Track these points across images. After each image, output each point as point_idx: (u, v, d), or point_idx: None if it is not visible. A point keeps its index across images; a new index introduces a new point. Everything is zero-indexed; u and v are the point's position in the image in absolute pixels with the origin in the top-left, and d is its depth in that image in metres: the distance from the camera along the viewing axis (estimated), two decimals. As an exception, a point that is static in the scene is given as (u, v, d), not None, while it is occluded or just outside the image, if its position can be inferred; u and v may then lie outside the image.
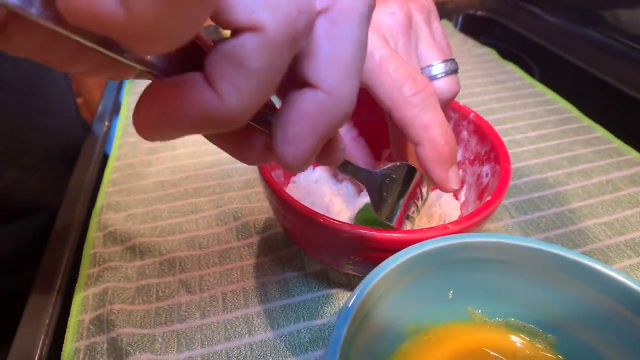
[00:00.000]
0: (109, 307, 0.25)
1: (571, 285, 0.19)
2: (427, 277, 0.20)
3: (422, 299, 0.21)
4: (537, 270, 0.19)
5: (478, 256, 0.20)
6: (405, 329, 0.21)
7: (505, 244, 0.19)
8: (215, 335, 0.24)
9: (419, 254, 0.18)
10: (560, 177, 0.35)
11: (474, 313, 0.22)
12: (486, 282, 0.21)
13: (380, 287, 0.18)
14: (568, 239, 0.29)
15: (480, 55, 0.53)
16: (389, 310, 0.19)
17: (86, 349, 0.23)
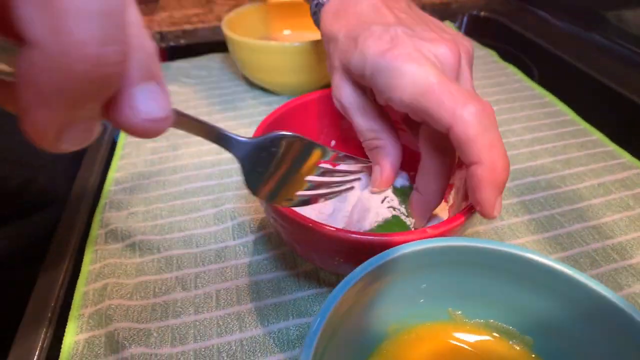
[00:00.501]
0: (108, 302, 0.26)
1: (545, 290, 0.20)
2: (406, 280, 0.21)
3: (401, 300, 0.21)
4: (513, 274, 0.20)
5: (455, 259, 0.20)
6: (385, 329, 0.22)
7: (480, 249, 0.20)
8: (207, 330, 0.25)
9: (393, 259, 0.19)
10: (552, 180, 0.35)
11: (454, 314, 0.23)
12: (466, 284, 0.21)
13: (357, 291, 0.18)
14: (556, 242, 0.30)
15: (480, 56, 0.53)
16: (368, 312, 0.20)
17: (85, 342, 0.25)
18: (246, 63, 0.43)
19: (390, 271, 0.20)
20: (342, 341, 0.19)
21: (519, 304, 0.21)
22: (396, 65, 0.21)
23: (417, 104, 0.21)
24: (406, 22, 0.24)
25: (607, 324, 0.18)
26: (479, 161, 0.20)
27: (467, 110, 0.20)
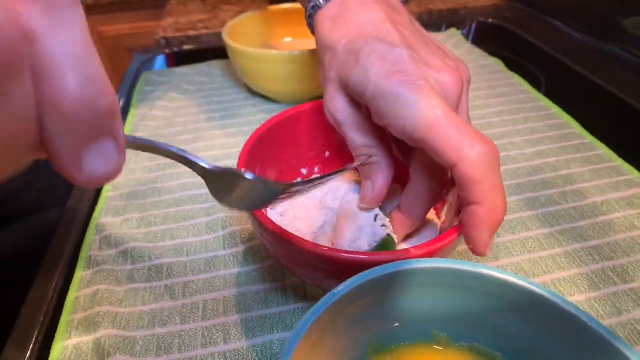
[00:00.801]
0: (98, 308, 0.27)
1: (525, 312, 0.19)
2: (389, 299, 0.20)
3: (384, 319, 0.21)
4: (495, 297, 0.20)
5: (439, 281, 0.20)
6: (365, 349, 0.21)
7: (461, 271, 0.19)
8: (192, 341, 0.25)
9: (376, 278, 0.18)
10: (553, 197, 0.34)
11: (439, 336, 0.22)
12: (451, 306, 0.21)
13: (337, 309, 0.18)
14: (553, 261, 0.29)
15: (486, 66, 0.52)
16: (349, 330, 0.20)
17: (73, 348, 0.25)
18: (246, 71, 0.43)
19: (372, 290, 0.19)
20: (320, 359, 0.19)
21: (503, 327, 0.21)
22: (401, 92, 0.21)
23: (421, 135, 0.20)
24: (411, 43, 0.23)
25: (585, 347, 0.17)
26: (481, 201, 0.20)
27: (475, 151, 0.19)
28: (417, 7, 0.68)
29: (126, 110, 0.47)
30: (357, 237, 0.26)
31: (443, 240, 0.21)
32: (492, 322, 0.21)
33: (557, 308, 0.18)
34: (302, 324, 0.17)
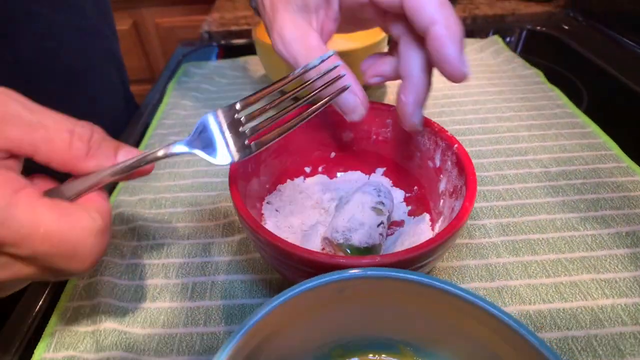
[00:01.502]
0: (100, 277, 0.29)
1: (483, 327, 0.18)
2: (352, 305, 0.20)
3: (346, 325, 0.21)
4: (455, 309, 0.19)
5: (403, 292, 0.20)
6: (328, 352, 0.21)
7: (417, 282, 0.18)
8: (176, 319, 0.27)
9: (328, 283, 0.18)
10: (570, 221, 0.32)
11: (404, 350, 0.22)
12: (417, 319, 0.21)
13: (290, 309, 0.18)
14: (556, 290, 0.27)
15: (524, 76, 0.49)
16: (303, 333, 0.20)
17: (73, 310, 0.27)
18: (272, 68, 0.45)
19: (325, 295, 0.19)
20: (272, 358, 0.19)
21: (469, 349, 0.20)
22: None
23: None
24: None
25: None
26: (435, 20, 0.22)
27: None
28: (462, 11, 0.65)
29: (160, 98, 0.50)
30: (354, 228, 0.26)
31: (415, 251, 0.21)
32: (454, 341, 0.20)
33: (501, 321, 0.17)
34: (248, 322, 0.17)
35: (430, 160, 0.29)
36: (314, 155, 0.34)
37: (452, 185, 0.27)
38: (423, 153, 0.30)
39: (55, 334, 0.26)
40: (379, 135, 0.32)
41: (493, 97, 0.46)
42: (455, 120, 0.43)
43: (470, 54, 0.55)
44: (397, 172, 0.33)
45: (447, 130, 0.28)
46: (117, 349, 0.25)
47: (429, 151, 0.29)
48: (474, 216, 0.32)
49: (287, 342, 0.20)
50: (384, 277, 0.18)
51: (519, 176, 0.36)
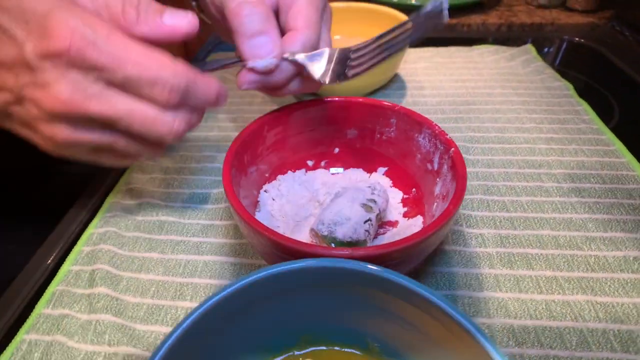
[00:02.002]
0: (103, 245, 0.31)
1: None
2: (313, 294, 0.20)
3: (314, 314, 0.21)
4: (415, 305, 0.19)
5: (356, 286, 0.20)
6: (297, 336, 0.22)
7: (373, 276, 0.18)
8: (165, 292, 0.28)
9: (278, 272, 0.19)
10: (574, 239, 0.30)
11: (372, 345, 0.22)
12: (384, 316, 0.21)
13: (252, 293, 0.19)
14: (546, 307, 0.26)
15: (553, 88, 0.47)
16: (269, 319, 0.21)
17: (75, 273, 0.29)
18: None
19: (288, 283, 0.20)
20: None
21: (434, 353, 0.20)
22: None
23: None
24: None
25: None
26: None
27: None
28: (498, 18, 0.63)
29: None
30: (340, 222, 0.27)
31: (390, 247, 0.21)
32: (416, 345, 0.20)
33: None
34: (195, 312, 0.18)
35: (429, 162, 0.29)
36: (318, 150, 0.34)
37: (445, 189, 0.27)
38: (423, 155, 0.30)
39: (56, 293, 0.28)
40: (383, 135, 0.32)
41: (515, 107, 0.45)
42: (472, 127, 0.42)
43: (499, 62, 0.53)
44: (397, 172, 0.33)
45: (447, 133, 0.28)
46: (108, 312, 0.27)
47: (429, 153, 0.29)
48: (472, 224, 0.32)
49: (245, 328, 0.20)
50: (337, 268, 0.18)
51: (527, 189, 0.35)
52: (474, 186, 0.35)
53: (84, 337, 0.25)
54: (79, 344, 0.25)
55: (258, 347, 0.21)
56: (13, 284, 0.29)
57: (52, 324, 0.26)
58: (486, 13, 0.64)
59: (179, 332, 0.17)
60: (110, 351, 0.25)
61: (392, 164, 0.33)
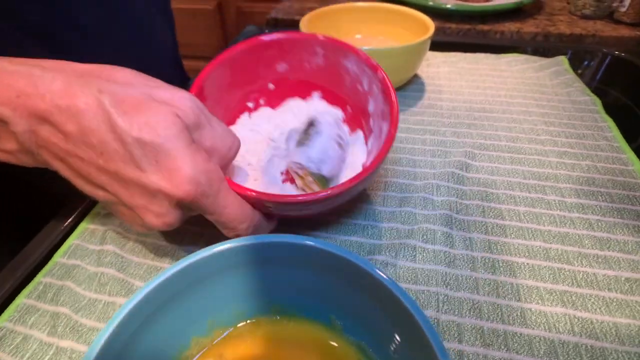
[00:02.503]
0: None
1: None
2: (282, 267, 0.22)
3: (283, 286, 0.23)
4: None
5: (313, 261, 0.21)
6: (268, 307, 0.24)
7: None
8: (165, 256, 0.31)
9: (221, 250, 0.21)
10: (567, 254, 0.30)
11: (334, 322, 0.23)
12: (346, 295, 0.22)
13: (205, 268, 0.21)
14: (520, 315, 0.26)
15: (578, 102, 0.46)
16: (241, 284, 0.23)
17: (90, 231, 0.33)
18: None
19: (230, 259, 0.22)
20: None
21: (385, 324, 0.21)
22: None
23: None
24: None
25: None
26: None
27: None
28: (534, 27, 0.62)
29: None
30: (324, 160, 0.30)
31: (343, 186, 0.25)
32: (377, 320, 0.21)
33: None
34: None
35: (359, 84, 0.33)
36: (254, 89, 0.36)
37: (379, 108, 0.31)
38: (352, 77, 0.33)
39: (72, 246, 0.32)
40: (312, 63, 0.35)
41: (533, 118, 0.44)
42: (483, 135, 0.42)
43: (526, 72, 0.52)
44: (331, 95, 0.36)
45: (371, 58, 0.31)
46: (112, 267, 0.30)
47: (357, 76, 0.32)
48: (463, 228, 0.32)
49: (210, 296, 0.22)
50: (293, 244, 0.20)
51: (527, 200, 0.34)
52: (472, 191, 0.35)
53: (89, 285, 0.29)
54: (84, 290, 0.28)
55: (232, 310, 0.23)
56: (37, 236, 0.33)
57: (65, 272, 0.30)
58: (522, 21, 0.63)
59: (141, 296, 0.19)
60: (109, 300, 0.28)
61: (325, 89, 0.36)
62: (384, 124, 0.29)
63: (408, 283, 0.28)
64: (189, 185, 0.22)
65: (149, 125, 0.22)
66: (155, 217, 0.24)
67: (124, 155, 0.22)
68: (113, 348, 0.18)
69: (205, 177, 0.23)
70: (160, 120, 0.22)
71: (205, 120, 0.25)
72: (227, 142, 0.26)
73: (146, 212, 0.24)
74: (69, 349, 0.25)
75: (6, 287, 0.29)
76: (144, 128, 0.22)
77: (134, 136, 0.21)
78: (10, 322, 0.27)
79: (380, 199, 0.35)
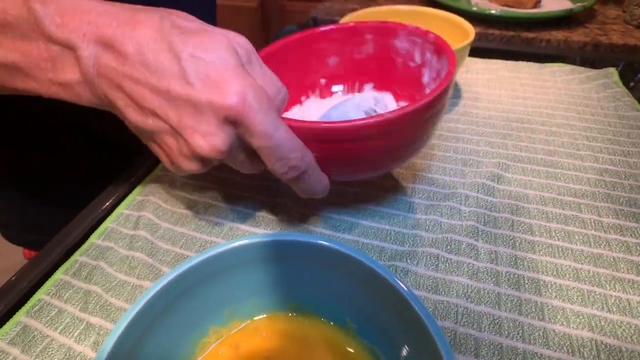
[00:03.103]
0: (151, 197, 0.36)
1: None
2: (299, 265, 0.23)
3: (301, 283, 0.23)
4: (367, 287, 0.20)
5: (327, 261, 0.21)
6: (284, 304, 0.24)
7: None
8: (192, 245, 0.32)
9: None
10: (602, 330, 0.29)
11: (349, 324, 0.23)
12: (360, 297, 0.22)
13: (225, 260, 0.22)
14: (543, 336, 0.26)
15: (626, 117, 0.44)
16: (258, 278, 0.23)
17: (125, 216, 0.35)
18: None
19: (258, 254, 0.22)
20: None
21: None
22: None
23: None
24: None
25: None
26: None
27: None
28: (584, 36, 0.59)
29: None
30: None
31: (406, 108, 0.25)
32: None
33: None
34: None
35: (410, 60, 0.33)
36: (306, 84, 0.37)
37: (434, 72, 0.30)
38: (403, 56, 0.33)
39: (107, 229, 0.33)
40: (362, 53, 0.35)
41: (574, 132, 0.42)
42: (518, 146, 0.41)
43: (570, 83, 0.50)
44: (384, 83, 0.36)
45: (420, 27, 0.31)
46: (142, 252, 0.31)
47: (408, 52, 0.32)
48: (489, 240, 0.31)
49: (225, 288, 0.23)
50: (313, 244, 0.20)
51: (561, 217, 0.33)
52: (502, 204, 0.34)
53: (120, 267, 0.30)
54: (115, 272, 0.30)
55: (250, 303, 0.24)
56: (76, 218, 0.35)
57: (99, 253, 0.32)
58: (571, 29, 0.60)
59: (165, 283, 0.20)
60: (137, 283, 0.29)
61: (376, 77, 0.36)
62: (439, 80, 0.29)
63: (428, 292, 0.28)
64: (237, 96, 0.22)
65: (204, 44, 0.23)
66: (202, 137, 0.23)
67: (177, 72, 0.22)
68: (138, 328, 0.19)
69: (254, 92, 0.23)
70: (215, 42, 0.23)
71: (256, 60, 0.25)
72: (276, 85, 0.26)
73: (194, 133, 0.23)
74: (98, 325, 0.27)
75: (46, 262, 0.31)
76: (199, 46, 0.23)
77: (189, 52, 0.22)
78: (47, 296, 0.29)
79: (405, 205, 0.34)
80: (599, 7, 0.69)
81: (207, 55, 0.23)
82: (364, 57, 0.35)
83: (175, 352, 0.22)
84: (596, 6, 0.69)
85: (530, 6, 0.65)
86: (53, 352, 0.26)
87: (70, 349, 0.26)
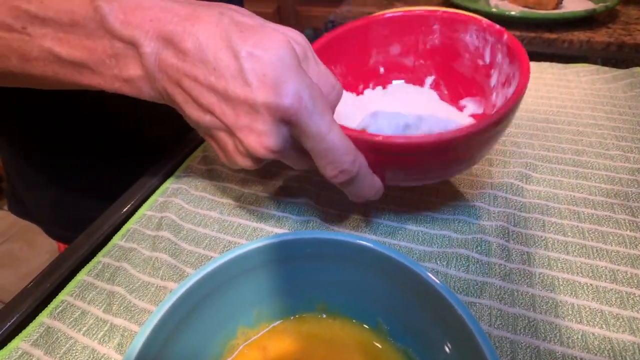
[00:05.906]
0: (174, 198, 0.36)
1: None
2: (329, 265, 0.22)
3: (329, 284, 0.23)
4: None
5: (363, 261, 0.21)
6: (312, 305, 0.23)
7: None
8: (216, 246, 0.32)
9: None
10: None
11: (381, 325, 0.23)
12: (394, 298, 0.21)
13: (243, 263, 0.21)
14: (582, 339, 0.24)
15: (655, 115, 0.42)
16: (285, 279, 0.23)
17: (148, 217, 0.35)
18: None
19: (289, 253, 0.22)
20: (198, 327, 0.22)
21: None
22: None
23: None
24: None
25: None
26: None
27: None
28: (607, 36, 0.58)
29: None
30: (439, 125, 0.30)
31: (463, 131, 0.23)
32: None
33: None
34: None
35: (480, 58, 0.30)
36: (364, 71, 0.35)
37: (504, 76, 0.28)
38: (472, 53, 0.31)
39: (130, 230, 0.33)
40: (427, 44, 0.33)
41: (602, 132, 0.41)
42: (546, 146, 0.39)
43: (595, 83, 0.49)
44: (447, 78, 0.34)
45: (495, 24, 0.29)
46: (166, 253, 0.31)
47: (478, 49, 0.30)
48: (520, 241, 0.30)
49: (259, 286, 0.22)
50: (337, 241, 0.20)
51: (593, 217, 0.32)
52: (532, 204, 0.33)
53: (143, 268, 0.30)
54: (139, 273, 0.30)
55: (278, 304, 0.24)
56: (99, 219, 0.35)
57: (122, 254, 0.31)
58: (593, 30, 0.59)
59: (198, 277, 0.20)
60: (161, 284, 0.29)
61: (440, 71, 0.34)
62: (509, 89, 0.27)
63: (459, 293, 0.27)
64: (293, 97, 0.22)
65: (262, 42, 0.23)
66: (257, 137, 0.23)
67: (234, 71, 0.23)
68: (165, 330, 0.19)
69: (310, 93, 0.23)
70: (274, 40, 0.23)
71: (312, 56, 0.25)
72: (331, 82, 0.26)
73: (249, 132, 0.23)
74: (122, 327, 0.26)
75: (69, 263, 0.31)
76: (258, 44, 0.23)
77: (247, 50, 0.23)
78: (71, 297, 0.28)
79: (432, 205, 0.34)
80: (621, 8, 0.68)
81: (265, 54, 0.23)
82: (428, 48, 0.33)
83: (203, 354, 0.21)
84: (618, 7, 0.68)
85: (551, 7, 0.64)
86: (77, 354, 0.25)
87: (94, 350, 0.25)
